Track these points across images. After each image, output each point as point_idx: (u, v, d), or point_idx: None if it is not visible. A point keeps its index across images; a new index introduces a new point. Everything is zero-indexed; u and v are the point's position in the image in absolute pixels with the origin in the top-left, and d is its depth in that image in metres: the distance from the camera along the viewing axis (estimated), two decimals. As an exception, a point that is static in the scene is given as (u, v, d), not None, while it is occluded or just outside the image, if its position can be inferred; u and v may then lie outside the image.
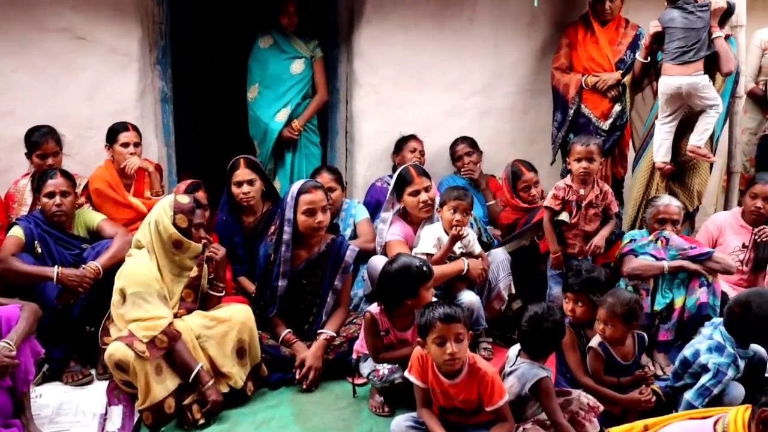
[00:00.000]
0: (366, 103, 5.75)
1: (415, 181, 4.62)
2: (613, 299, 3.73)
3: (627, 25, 5.60)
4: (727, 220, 5.02)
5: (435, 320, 3.22)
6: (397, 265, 3.82)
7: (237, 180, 4.77)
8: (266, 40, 5.72)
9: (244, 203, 4.80)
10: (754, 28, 5.83)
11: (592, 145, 4.60)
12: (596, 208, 4.65)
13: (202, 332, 3.83)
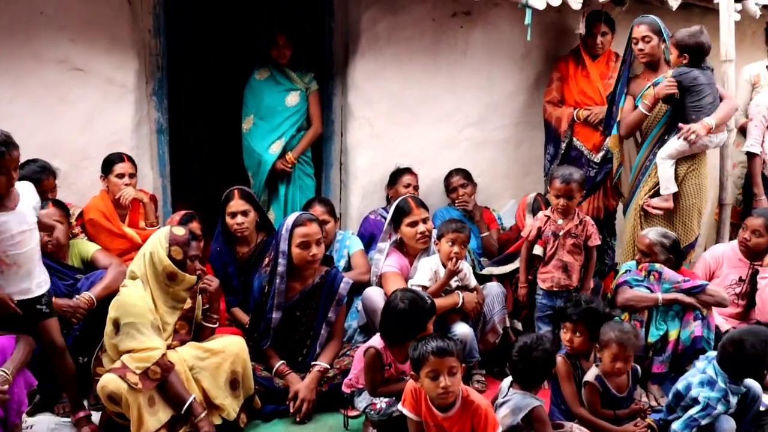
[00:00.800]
0: (360, 135, 5.78)
1: (413, 212, 4.64)
2: (624, 333, 3.74)
3: (617, 59, 5.60)
4: (725, 253, 5.05)
5: (428, 354, 3.20)
6: (408, 300, 3.79)
7: (231, 211, 4.78)
8: (262, 72, 5.76)
9: (238, 234, 4.81)
10: (743, 63, 5.90)
11: (573, 183, 4.55)
12: (575, 239, 4.61)
13: (196, 363, 3.82)
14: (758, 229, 4.80)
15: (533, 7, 5.09)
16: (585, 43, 5.70)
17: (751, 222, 4.88)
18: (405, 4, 5.59)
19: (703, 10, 6.06)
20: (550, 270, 4.63)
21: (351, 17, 5.70)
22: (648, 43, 4.96)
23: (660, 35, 4.97)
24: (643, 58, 5.04)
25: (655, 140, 5.09)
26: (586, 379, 3.78)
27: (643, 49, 4.98)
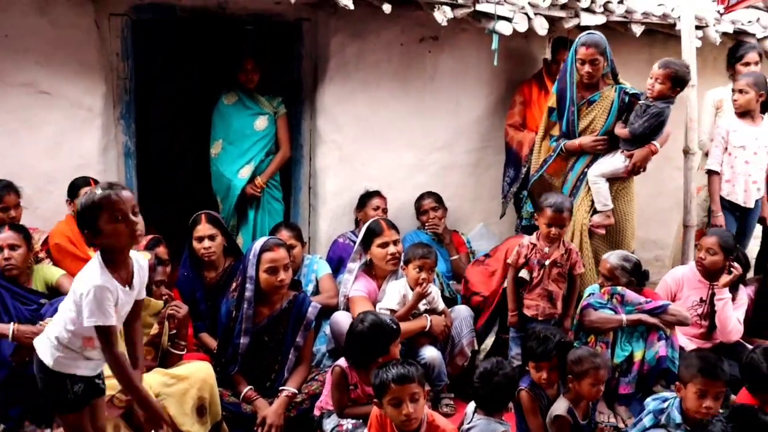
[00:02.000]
0: (329, 159, 5.80)
1: (384, 233, 4.68)
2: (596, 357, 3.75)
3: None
4: (685, 274, 5.09)
5: (389, 382, 3.20)
6: (368, 323, 3.82)
7: (198, 235, 4.76)
8: (230, 97, 5.76)
9: (205, 258, 4.78)
10: (705, 88, 6.00)
11: (565, 212, 4.56)
12: (560, 268, 4.63)
13: (162, 390, 3.77)
14: (712, 247, 4.86)
15: (500, 32, 5.15)
16: (548, 68, 5.77)
17: (705, 241, 4.94)
18: (373, 29, 5.64)
19: (666, 37, 6.19)
20: (534, 298, 4.64)
21: (320, 42, 5.73)
22: (596, 65, 4.98)
23: (605, 55, 4.99)
24: (589, 80, 5.05)
25: (589, 160, 5.17)
26: (557, 413, 3.74)
27: (590, 71, 4.98)
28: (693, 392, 3.53)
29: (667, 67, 4.88)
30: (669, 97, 4.93)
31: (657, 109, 4.88)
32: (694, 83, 5.39)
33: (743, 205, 5.68)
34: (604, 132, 5.10)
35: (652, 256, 6.87)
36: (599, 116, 5.10)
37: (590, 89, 5.11)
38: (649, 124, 4.90)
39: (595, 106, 5.11)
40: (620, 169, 5.05)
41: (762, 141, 5.60)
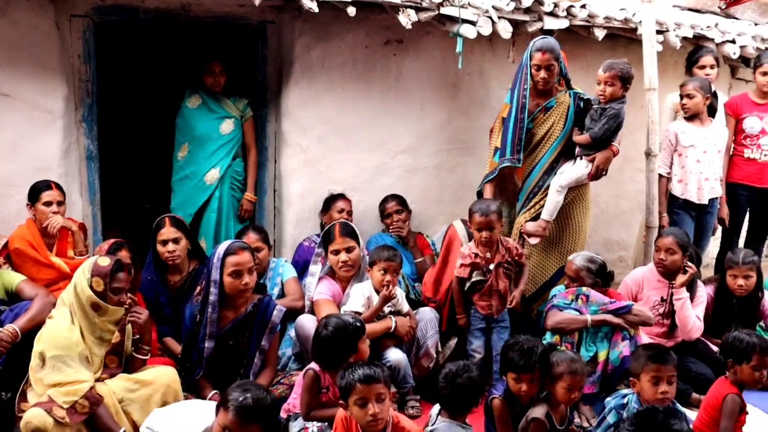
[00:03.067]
0: (294, 162, 5.78)
1: (336, 241, 4.67)
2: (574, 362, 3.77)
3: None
4: (644, 275, 5.15)
5: (355, 382, 3.21)
6: (332, 327, 3.80)
7: (162, 239, 4.72)
8: (194, 100, 5.73)
9: (169, 262, 4.74)
10: (666, 92, 6.08)
11: (492, 215, 4.63)
12: (505, 265, 4.77)
13: (125, 395, 3.74)
14: (671, 247, 4.94)
15: (464, 35, 5.18)
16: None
17: (662, 242, 5.00)
18: (338, 32, 5.64)
19: (628, 41, 6.26)
20: (486, 299, 4.71)
21: (284, 44, 5.72)
22: (551, 71, 4.97)
23: (559, 60, 5.00)
24: (544, 86, 5.03)
25: (547, 166, 5.15)
26: (534, 416, 3.72)
27: (545, 77, 4.97)
28: (647, 381, 3.62)
29: (612, 69, 4.92)
30: (621, 97, 4.96)
31: (614, 110, 4.91)
32: (655, 86, 5.47)
33: (698, 202, 5.77)
34: (562, 138, 5.10)
35: (615, 256, 6.95)
36: (557, 122, 5.09)
37: (544, 96, 5.10)
38: (608, 126, 4.92)
39: (552, 112, 5.09)
40: (584, 176, 5.05)
41: (711, 140, 5.71)
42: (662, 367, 3.62)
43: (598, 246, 5.98)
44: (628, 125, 5.36)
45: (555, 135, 5.11)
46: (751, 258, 5.12)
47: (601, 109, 4.94)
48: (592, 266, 4.65)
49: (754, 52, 6.52)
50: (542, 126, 5.11)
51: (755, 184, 6.06)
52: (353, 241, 4.70)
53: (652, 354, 3.68)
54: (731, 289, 5.12)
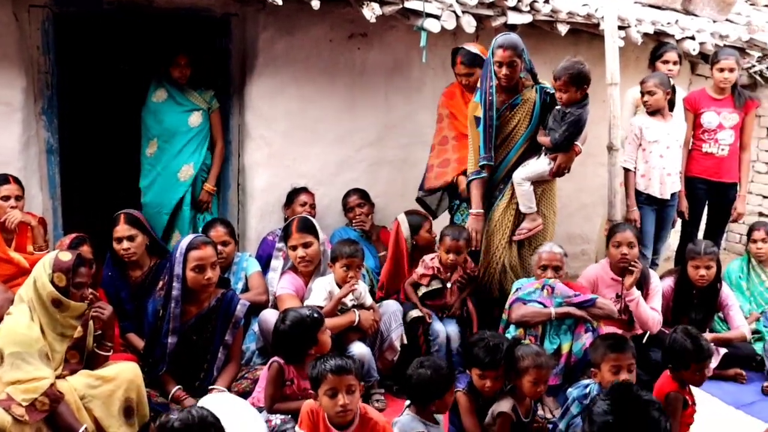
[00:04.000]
0: (258, 155, 5.76)
1: (293, 236, 4.69)
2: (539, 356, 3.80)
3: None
4: (598, 274, 5.21)
5: (326, 372, 3.23)
6: (290, 321, 3.83)
7: (117, 236, 4.63)
8: (160, 94, 5.67)
9: (125, 259, 4.67)
10: (627, 87, 6.15)
11: (462, 240, 4.86)
12: (459, 282, 5.04)
13: (87, 392, 3.69)
14: (631, 240, 5.02)
15: (428, 29, 5.19)
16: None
17: (622, 236, 5.05)
18: (302, 25, 5.62)
19: (591, 36, 6.32)
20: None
21: (248, 37, 5.69)
22: (513, 67, 4.84)
23: (522, 57, 4.87)
24: (507, 83, 4.90)
25: (512, 163, 5.07)
26: (500, 410, 3.75)
27: (507, 74, 4.84)
28: (607, 370, 3.69)
29: (561, 76, 4.79)
30: (581, 99, 4.85)
31: (574, 116, 4.81)
32: (617, 81, 5.52)
33: (660, 197, 5.85)
34: (528, 135, 5.03)
35: (578, 250, 7.03)
36: (523, 119, 5.01)
37: (510, 93, 5.00)
38: (569, 132, 4.85)
39: (519, 109, 5.01)
40: (545, 172, 5.01)
41: (673, 136, 5.80)
42: (621, 355, 3.69)
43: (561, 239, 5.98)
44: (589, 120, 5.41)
45: (521, 132, 5.05)
46: (711, 249, 5.21)
47: (562, 112, 4.86)
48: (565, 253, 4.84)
49: (712, 48, 6.62)
50: (509, 123, 5.04)
51: (713, 178, 6.16)
52: (311, 236, 4.70)
53: (611, 343, 3.75)
54: (692, 280, 5.20)
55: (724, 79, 5.98)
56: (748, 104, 6.12)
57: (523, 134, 5.05)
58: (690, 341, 3.79)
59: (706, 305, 5.28)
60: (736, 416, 4.58)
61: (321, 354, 3.58)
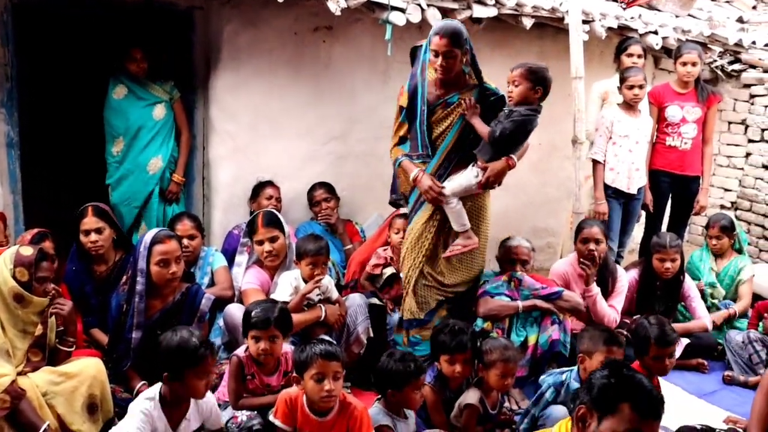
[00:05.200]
0: (223, 149, 5.72)
1: (258, 231, 4.67)
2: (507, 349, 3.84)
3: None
4: (567, 270, 5.25)
5: (316, 356, 3.27)
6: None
7: (84, 228, 4.59)
8: (120, 90, 5.58)
9: (92, 252, 4.62)
10: (592, 80, 6.20)
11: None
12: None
13: (49, 389, 3.63)
14: (598, 237, 5.07)
15: (393, 23, 5.18)
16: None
17: (590, 232, 5.07)
18: (266, 18, 5.58)
19: (556, 30, 6.35)
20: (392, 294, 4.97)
21: (212, 30, 5.64)
22: (451, 59, 4.27)
23: (464, 48, 4.30)
24: (443, 75, 4.36)
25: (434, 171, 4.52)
26: (467, 402, 3.81)
27: (443, 65, 4.28)
28: (599, 361, 3.70)
29: (520, 67, 4.38)
30: (532, 102, 4.37)
31: (519, 116, 4.30)
32: (581, 75, 5.56)
33: (627, 191, 5.92)
34: (452, 137, 4.48)
35: (543, 243, 7.08)
36: (452, 123, 4.46)
37: (449, 88, 4.45)
38: (511, 132, 4.31)
39: (454, 109, 4.43)
40: (473, 185, 4.43)
41: (642, 131, 5.89)
42: (616, 349, 3.74)
43: (526, 233, 6.06)
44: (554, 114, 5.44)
45: (448, 131, 4.48)
46: (676, 242, 5.30)
47: (509, 110, 4.34)
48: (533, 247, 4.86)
49: (675, 43, 6.69)
50: (441, 123, 4.49)
51: (676, 171, 6.23)
52: (277, 230, 4.68)
53: (607, 337, 3.78)
54: (657, 272, 5.27)
55: (687, 73, 6.06)
56: (711, 99, 6.21)
57: (446, 138, 4.49)
58: (655, 326, 3.88)
59: (670, 296, 5.37)
60: (698, 405, 4.66)
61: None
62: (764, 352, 4.98)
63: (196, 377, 3.31)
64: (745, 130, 7.57)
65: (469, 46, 4.33)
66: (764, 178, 7.39)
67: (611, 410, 2.44)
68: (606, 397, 2.48)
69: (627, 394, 2.45)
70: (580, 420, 2.52)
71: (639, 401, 2.43)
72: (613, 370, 2.57)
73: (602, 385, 2.51)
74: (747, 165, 7.59)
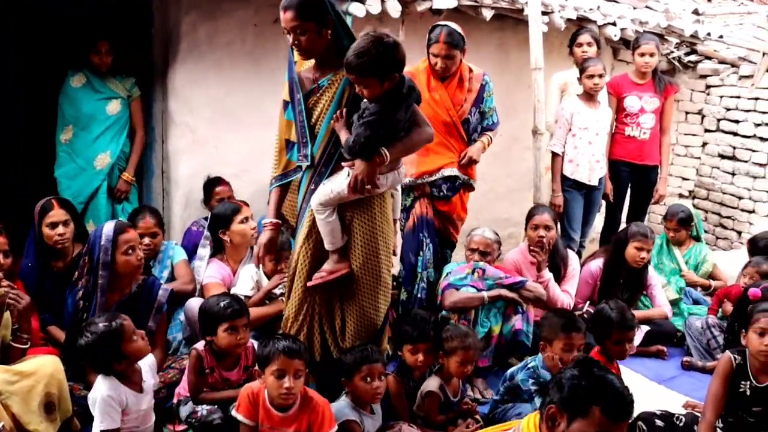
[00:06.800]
0: (183, 142, 5.66)
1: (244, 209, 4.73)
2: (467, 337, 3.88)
3: (471, 77, 4.83)
4: (518, 259, 5.30)
5: (278, 352, 3.25)
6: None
7: (52, 221, 4.48)
8: (78, 79, 5.49)
9: (58, 246, 4.51)
10: (552, 72, 6.24)
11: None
12: None
13: (4, 388, 3.54)
14: (548, 223, 5.12)
15: (353, 14, 5.17)
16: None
17: (540, 219, 5.14)
18: (226, 9, 5.52)
19: (515, 21, 6.39)
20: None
21: (170, 21, 5.57)
22: (301, 34, 3.49)
23: (319, 22, 3.48)
24: (301, 55, 3.67)
25: (311, 175, 3.78)
26: (428, 389, 3.85)
27: (296, 44, 3.56)
28: (560, 348, 3.78)
29: (350, 64, 3.39)
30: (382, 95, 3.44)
31: (372, 115, 3.44)
32: (541, 66, 5.59)
33: (588, 183, 5.97)
34: (326, 128, 3.67)
35: (505, 233, 7.10)
36: (325, 108, 3.65)
37: (323, 69, 3.67)
38: (365, 136, 3.44)
39: (324, 93, 3.65)
40: (344, 189, 3.59)
41: (602, 123, 5.95)
42: (576, 335, 3.79)
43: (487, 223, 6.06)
44: (515, 105, 5.46)
45: (320, 125, 3.70)
46: (653, 232, 5.40)
47: (365, 109, 3.50)
48: (498, 238, 4.90)
49: (633, 34, 6.77)
50: (315, 109, 3.70)
51: (635, 161, 6.31)
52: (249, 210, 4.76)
53: (565, 323, 3.83)
54: (631, 261, 5.31)
55: (645, 64, 6.12)
56: (668, 89, 6.29)
57: (320, 129, 3.70)
58: (615, 311, 3.93)
59: (634, 285, 5.43)
60: (658, 391, 4.71)
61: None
62: (722, 337, 5.05)
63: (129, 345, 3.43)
64: (701, 120, 7.68)
65: (333, 15, 3.53)
66: (720, 167, 7.51)
67: (581, 413, 2.45)
68: (576, 398, 2.48)
69: (597, 396, 2.45)
70: (550, 419, 2.52)
71: (609, 404, 2.44)
72: (584, 370, 2.56)
73: (572, 385, 2.50)
74: (704, 154, 7.70)
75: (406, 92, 3.49)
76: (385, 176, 3.62)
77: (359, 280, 3.75)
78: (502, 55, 6.75)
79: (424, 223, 4.87)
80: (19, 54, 6.62)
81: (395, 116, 3.47)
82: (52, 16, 5.74)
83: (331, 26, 3.50)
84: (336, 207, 3.64)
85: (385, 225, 3.79)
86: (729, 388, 3.73)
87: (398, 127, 3.52)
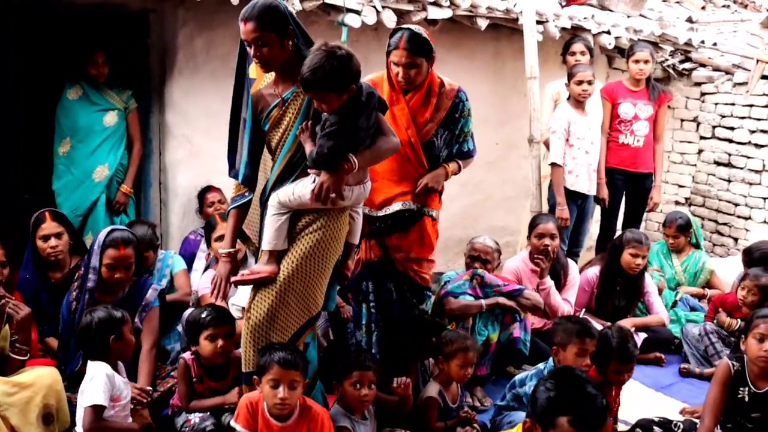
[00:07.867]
0: (180, 153, 5.67)
1: (218, 227, 4.66)
2: (466, 339, 3.91)
3: (442, 92, 4.03)
4: (518, 267, 5.30)
5: (273, 363, 3.25)
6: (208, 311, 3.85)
7: (43, 234, 4.49)
8: (75, 91, 5.49)
9: (51, 258, 4.52)
10: (547, 81, 6.26)
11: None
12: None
13: (2, 400, 3.54)
14: (553, 232, 5.14)
15: (349, 25, 5.19)
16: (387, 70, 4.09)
17: (545, 228, 5.17)
18: (222, 21, 5.54)
19: (511, 31, 6.42)
20: None
21: (167, 33, 5.58)
22: (263, 46, 3.31)
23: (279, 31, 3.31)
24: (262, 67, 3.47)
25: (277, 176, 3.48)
26: (427, 394, 3.86)
27: (258, 56, 3.38)
28: (573, 353, 3.75)
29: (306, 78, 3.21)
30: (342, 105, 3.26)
31: (333, 126, 3.25)
32: (536, 75, 5.62)
33: (587, 193, 5.99)
34: (291, 143, 3.41)
35: (502, 242, 7.07)
36: (291, 122, 3.41)
37: (287, 82, 3.44)
38: (328, 148, 3.22)
39: (289, 106, 3.42)
40: (306, 195, 3.34)
41: (594, 131, 5.96)
42: (589, 341, 3.78)
43: (484, 231, 6.09)
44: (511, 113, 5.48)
45: (286, 137, 3.44)
46: (648, 239, 5.41)
47: (325, 119, 3.31)
48: (498, 247, 4.91)
49: (627, 42, 6.80)
50: (278, 126, 3.44)
51: (630, 169, 6.31)
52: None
53: (580, 329, 3.81)
54: (627, 267, 5.32)
55: (640, 71, 6.15)
56: (662, 97, 6.32)
57: (285, 144, 3.44)
58: (617, 340, 3.84)
59: (630, 292, 5.43)
60: (656, 398, 4.73)
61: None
62: (719, 344, 5.07)
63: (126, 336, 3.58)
64: (697, 127, 7.70)
65: (294, 26, 3.37)
66: (716, 174, 7.53)
67: (551, 425, 2.46)
68: (546, 410, 2.49)
69: (566, 408, 2.46)
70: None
71: (578, 415, 2.44)
72: (556, 381, 2.56)
73: (544, 398, 2.52)
74: (700, 161, 7.72)
75: (366, 99, 3.32)
76: (351, 188, 3.41)
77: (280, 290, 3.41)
78: (498, 64, 6.77)
79: (369, 271, 4.14)
80: (19, 54, 6.66)
81: (357, 124, 3.30)
82: (51, 15, 5.74)
83: (292, 36, 3.35)
84: (291, 211, 3.43)
85: (332, 245, 3.47)
86: (727, 395, 3.73)
87: (360, 135, 3.34)
